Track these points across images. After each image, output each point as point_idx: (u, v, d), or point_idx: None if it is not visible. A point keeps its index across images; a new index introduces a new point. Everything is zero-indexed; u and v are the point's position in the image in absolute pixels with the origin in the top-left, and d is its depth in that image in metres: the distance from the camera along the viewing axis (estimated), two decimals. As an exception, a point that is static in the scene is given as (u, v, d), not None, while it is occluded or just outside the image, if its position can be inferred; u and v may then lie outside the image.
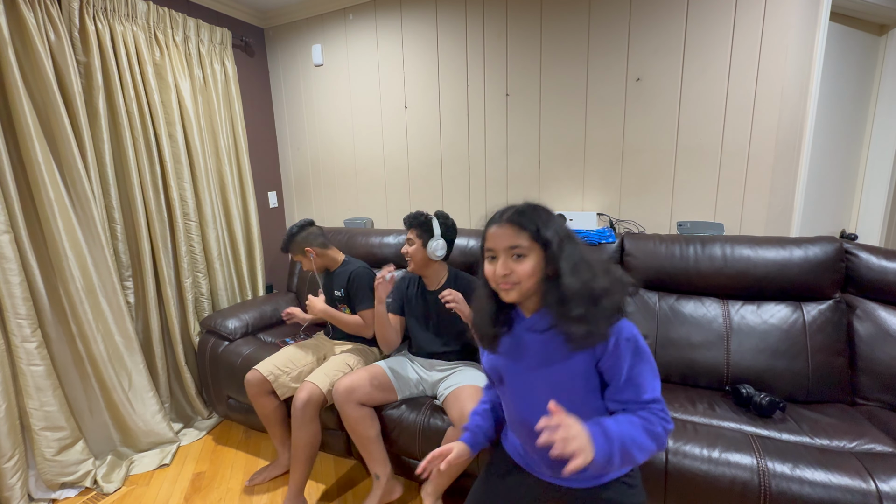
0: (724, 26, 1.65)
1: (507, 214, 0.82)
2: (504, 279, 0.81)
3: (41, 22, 1.58)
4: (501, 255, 0.81)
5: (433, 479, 1.43)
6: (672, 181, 1.85)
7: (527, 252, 0.79)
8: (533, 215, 0.81)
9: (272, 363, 1.69)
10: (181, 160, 2.06)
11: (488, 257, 0.84)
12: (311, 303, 1.73)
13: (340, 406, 1.46)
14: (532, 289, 0.81)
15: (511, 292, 0.81)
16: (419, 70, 2.26)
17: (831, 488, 1.02)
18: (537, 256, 0.80)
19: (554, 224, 0.82)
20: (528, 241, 0.79)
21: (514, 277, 0.80)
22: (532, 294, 0.83)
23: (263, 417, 1.69)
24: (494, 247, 0.82)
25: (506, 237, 0.80)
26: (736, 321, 1.54)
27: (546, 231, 0.79)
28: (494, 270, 0.82)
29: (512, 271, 0.80)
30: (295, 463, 1.51)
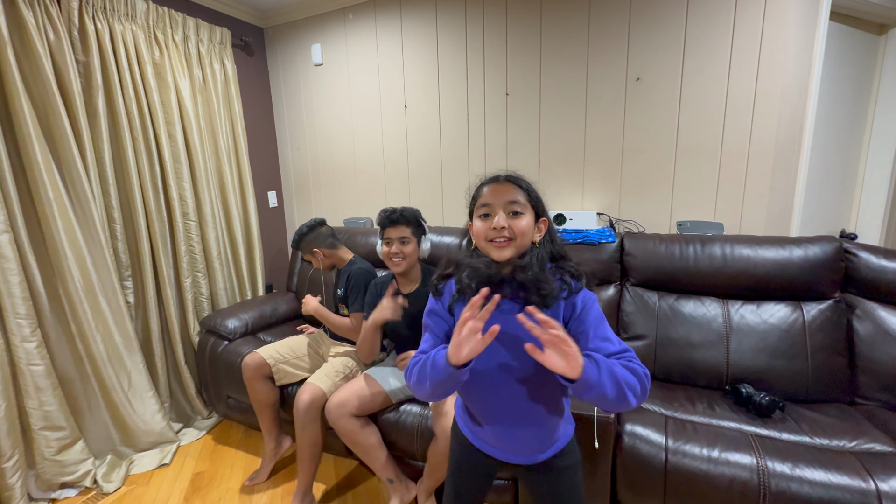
0: (724, 26, 1.65)
1: (505, 175, 0.86)
2: (500, 233, 0.81)
3: (40, 21, 1.58)
4: (500, 210, 0.82)
5: (425, 477, 1.43)
6: (672, 181, 1.85)
7: (524, 210, 0.82)
8: (527, 182, 0.87)
9: (273, 348, 1.74)
10: (181, 160, 2.06)
11: (480, 215, 0.84)
12: (306, 301, 1.75)
13: (334, 422, 1.43)
14: (521, 250, 0.83)
15: (505, 249, 0.81)
16: (419, 70, 2.26)
17: (831, 488, 1.02)
18: (531, 217, 0.83)
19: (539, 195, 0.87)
20: (525, 200, 0.83)
21: (511, 232, 0.81)
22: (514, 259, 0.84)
23: (255, 402, 1.70)
24: (492, 202, 0.83)
25: (505, 193, 0.83)
26: (736, 321, 1.54)
27: (537, 197, 0.86)
28: (489, 226, 0.82)
29: (509, 226, 0.81)
30: (301, 463, 1.52)
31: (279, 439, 1.76)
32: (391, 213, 1.48)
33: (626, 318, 1.69)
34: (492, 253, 0.83)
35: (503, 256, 0.82)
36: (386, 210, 1.50)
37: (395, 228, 1.47)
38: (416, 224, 1.50)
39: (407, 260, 1.47)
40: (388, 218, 1.48)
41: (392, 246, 1.46)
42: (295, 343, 1.80)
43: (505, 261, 0.83)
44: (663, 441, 1.20)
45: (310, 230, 1.82)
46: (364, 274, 1.73)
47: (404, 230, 1.47)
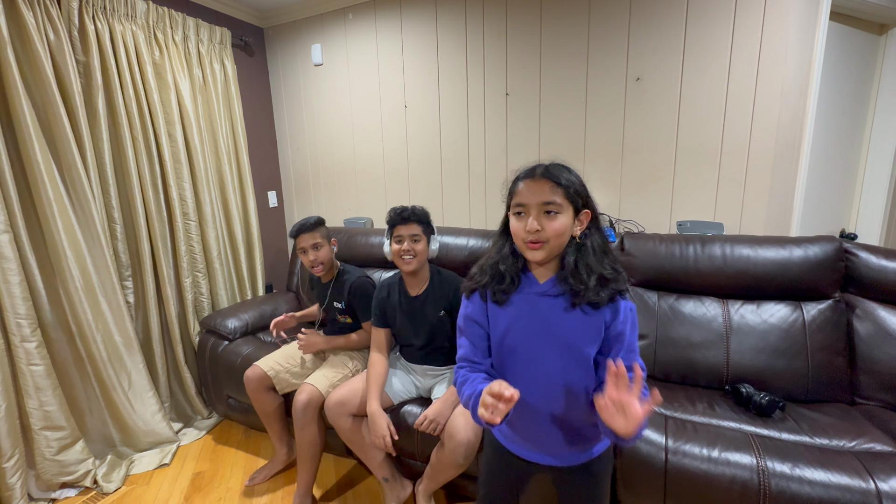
0: (724, 25, 1.65)
1: (542, 169, 0.80)
2: (535, 236, 0.78)
3: (40, 21, 1.58)
4: (533, 211, 0.78)
5: (426, 479, 1.43)
6: (672, 181, 1.85)
7: (560, 210, 0.77)
8: (568, 174, 0.80)
9: (272, 359, 1.71)
10: (181, 160, 2.06)
11: (516, 213, 0.81)
12: (310, 343, 1.69)
13: (333, 420, 1.43)
14: (557, 251, 0.80)
15: (538, 251, 0.79)
16: (419, 70, 2.26)
17: (831, 487, 1.02)
18: (569, 216, 0.78)
19: (582, 183, 0.81)
20: (562, 198, 0.77)
21: (544, 235, 0.78)
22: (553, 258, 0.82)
23: (262, 413, 1.70)
24: (527, 202, 0.79)
25: (540, 192, 0.78)
26: (736, 321, 1.54)
27: (579, 189, 0.80)
28: (524, 227, 0.79)
29: (543, 228, 0.77)
30: (301, 463, 1.52)
31: (290, 444, 1.75)
32: (402, 210, 1.45)
33: (626, 318, 1.69)
34: (526, 253, 0.82)
35: (535, 258, 0.80)
36: (396, 208, 1.46)
37: (407, 226, 1.43)
38: (427, 223, 1.48)
39: (418, 258, 1.44)
40: (400, 215, 1.44)
41: (404, 244, 1.42)
42: (293, 350, 1.77)
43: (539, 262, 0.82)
44: (663, 441, 1.20)
45: (323, 223, 1.78)
46: (365, 283, 1.72)
47: (416, 228, 1.44)
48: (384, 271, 2.22)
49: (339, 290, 1.75)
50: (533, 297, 0.84)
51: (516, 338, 0.86)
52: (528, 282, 0.86)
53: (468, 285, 0.91)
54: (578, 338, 0.81)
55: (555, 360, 0.83)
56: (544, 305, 0.83)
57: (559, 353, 0.82)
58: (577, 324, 0.81)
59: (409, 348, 1.60)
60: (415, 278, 1.50)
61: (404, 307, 1.52)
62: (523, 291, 0.86)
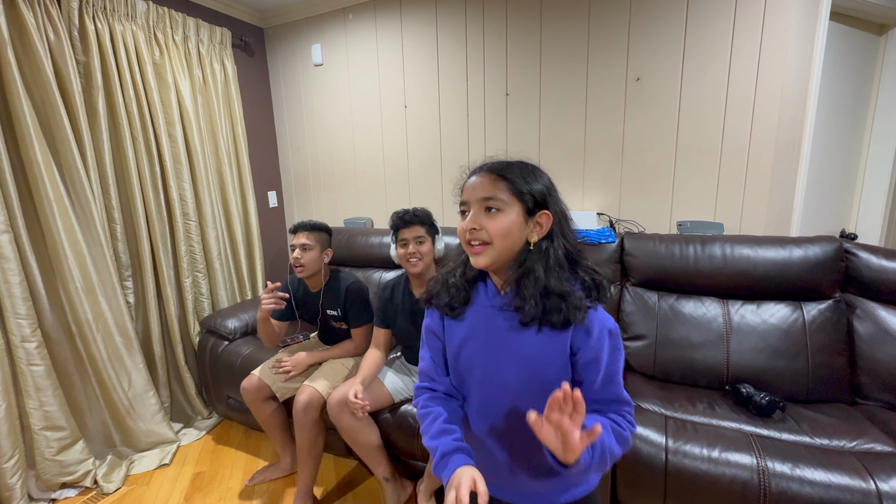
0: (724, 26, 1.65)
1: (490, 165, 0.72)
2: (473, 235, 0.70)
3: (40, 22, 1.58)
4: (473, 208, 0.70)
5: (426, 478, 1.43)
6: (672, 181, 1.85)
7: (503, 207, 0.68)
8: (519, 169, 0.70)
9: (268, 367, 1.69)
10: (181, 160, 2.06)
11: (460, 212, 0.74)
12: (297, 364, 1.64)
13: (335, 419, 1.43)
14: (506, 255, 0.70)
15: (481, 256, 0.70)
16: (419, 70, 2.26)
17: (831, 488, 1.02)
18: (516, 214, 0.69)
19: (543, 181, 0.71)
20: (506, 193, 0.68)
21: (485, 235, 0.69)
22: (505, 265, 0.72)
23: (263, 423, 1.68)
24: (468, 198, 0.71)
25: (481, 187, 0.70)
26: (736, 321, 1.54)
27: (532, 185, 0.69)
28: (464, 226, 0.71)
29: (482, 227, 0.69)
30: (301, 465, 1.52)
31: (293, 453, 1.72)
32: (403, 214, 1.45)
33: (626, 318, 1.69)
34: (471, 258, 0.73)
35: (478, 263, 0.71)
36: (398, 212, 1.47)
37: (410, 229, 1.43)
38: (430, 223, 1.48)
39: (424, 260, 1.43)
40: (402, 219, 1.45)
41: (408, 247, 1.42)
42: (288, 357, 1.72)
43: (484, 269, 0.72)
44: (663, 441, 1.20)
45: (328, 230, 1.75)
46: (360, 288, 1.71)
47: (419, 230, 1.44)
48: (384, 271, 2.22)
49: (332, 297, 1.71)
50: (489, 310, 0.75)
51: (472, 354, 0.77)
52: (486, 292, 0.77)
53: (423, 296, 0.84)
54: (539, 360, 0.71)
55: (513, 382, 0.73)
56: (502, 319, 0.73)
57: (519, 375, 0.72)
58: (539, 344, 0.70)
59: (410, 349, 1.60)
60: (421, 279, 1.50)
61: (408, 308, 1.52)
62: (479, 303, 0.77)
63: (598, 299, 0.69)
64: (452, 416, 0.78)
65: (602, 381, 0.69)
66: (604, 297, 0.70)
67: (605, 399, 0.71)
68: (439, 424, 0.76)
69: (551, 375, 0.70)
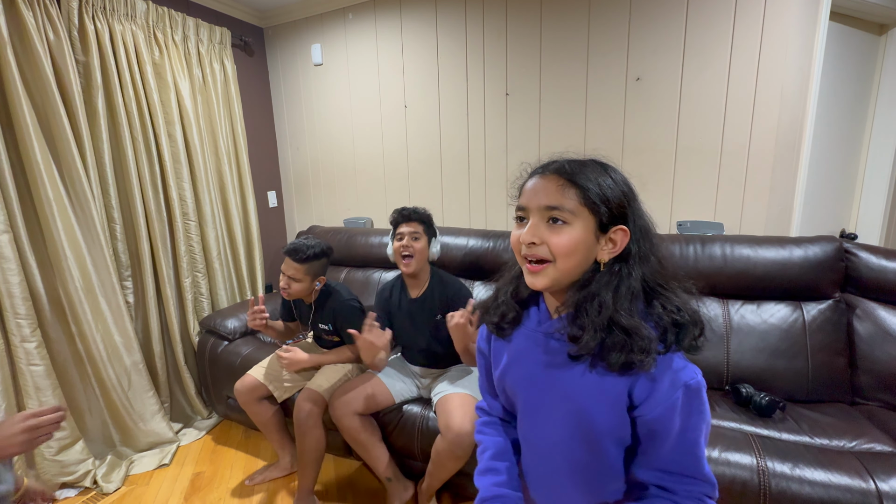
0: (724, 26, 1.65)
1: (558, 164, 0.59)
2: (531, 250, 0.58)
3: (40, 22, 1.57)
4: (533, 217, 0.58)
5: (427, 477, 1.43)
6: (672, 181, 1.85)
7: (570, 219, 0.56)
8: (595, 171, 0.58)
9: (263, 367, 1.68)
10: (180, 160, 2.06)
11: (517, 217, 0.62)
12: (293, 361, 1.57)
13: (338, 420, 1.43)
14: (568, 277, 0.58)
15: (539, 276, 0.58)
16: (419, 70, 2.26)
17: (831, 488, 1.02)
18: (586, 229, 0.56)
19: (622, 187, 0.58)
20: (576, 202, 0.56)
21: (545, 251, 0.57)
22: (566, 286, 0.60)
23: (260, 424, 1.68)
24: (527, 204, 0.59)
25: (545, 192, 0.57)
26: (736, 321, 1.54)
27: (609, 192, 0.56)
28: (520, 236, 0.60)
29: (543, 241, 0.57)
30: (302, 468, 1.51)
31: (293, 452, 1.72)
32: (404, 210, 1.49)
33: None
34: (525, 276, 0.61)
35: (534, 284, 0.59)
36: (399, 208, 1.51)
37: (408, 224, 1.46)
38: (428, 224, 1.50)
39: (416, 259, 1.45)
40: (402, 214, 1.48)
41: (403, 240, 1.44)
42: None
43: (541, 290, 0.61)
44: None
45: (325, 254, 1.63)
46: (350, 310, 1.64)
47: (416, 226, 1.46)
48: (384, 272, 2.22)
49: (323, 313, 1.68)
50: (537, 336, 0.65)
51: (514, 382, 0.68)
52: (536, 314, 0.66)
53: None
54: (587, 404, 0.58)
55: (559, 424, 0.62)
56: (549, 348, 0.62)
57: (566, 417, 0.61)
58: (587, 385, 0.58)
59: (409, 350, 1.61)
60: (415, 280, 1.51)
61: (405, 308, 1.53)
62: (527, 325, 0.67)
63: (676, 344, 0.56)
64: (501, 448, 0.73)
65: (672, 451, 0.56)
66: (686, 343, 0.56)
67: (676, 473, 0.57)
68: (486, 461, 0.72)
69: (602, 426, 0.58)
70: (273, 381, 1.64)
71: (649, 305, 0.58)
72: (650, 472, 0.59)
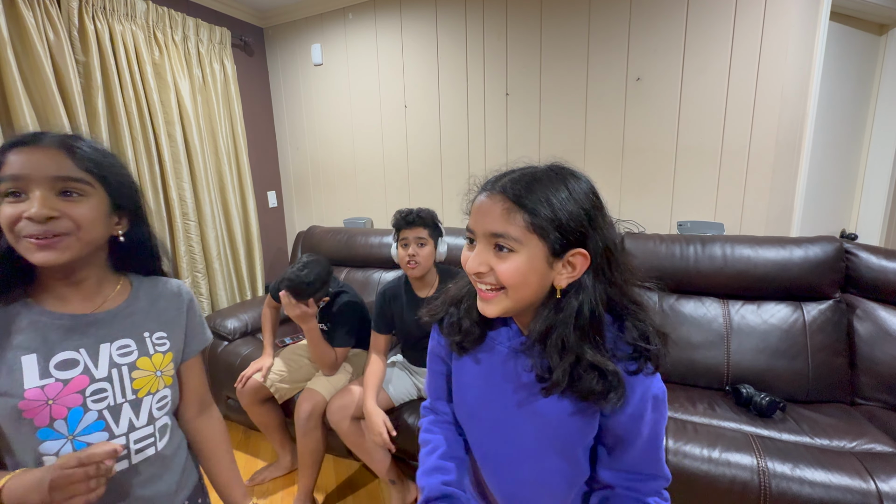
0: (724, 26, 1.65)
1: (505, 180, 0.54)
2: (479, 278, 0.55)
3: (40, 22, 1.58)
4: (480, 242, 0.55)
5: None
6: (672, 181, 1.85)
7: (515, 246, 0.51)
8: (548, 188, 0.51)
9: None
10: (180, 160, 2.06)
11: (468, 239, 0.58)
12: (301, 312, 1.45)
13: (336, 424, 1.42)
14: (524, 304, 0.55)
15: (490, 304, 0.55)
16: (419, 70, 2.26)
17: (831, 488, 1.02)
18: (535, 256, 0.51)
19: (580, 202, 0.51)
20: (522, 229, 0.50)
21: (493, 279, 0.53)
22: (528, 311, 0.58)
23: (261, 425, 1.68)
24: (473, 227, 0.56)
25: (489, 216, 0.53)
26: (736, 321, 1.54)
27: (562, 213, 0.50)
28: (468, 260, 0.56)
29: (490, 269, 0.53)
30: (302, 469, 1.51)
31: (293, 451, 1.71)
32: (407, 213, 1.40)
33: (627, 319, 1.69)
34: (478, 301, 0.57)
35: (487, 312, 0.56)
36: (402, 211, 1.43)
37: (412, 230, 1.38)
38: (433, 225, 1.42)
39: (422, 264, 1.39)
40: (405, 219, 1.40)
41: (409, 248, 1.38)
42: (287, 357, 1.72)
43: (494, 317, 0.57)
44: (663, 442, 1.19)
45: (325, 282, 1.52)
46: (353, 309, 1.61)
47: (421, 231, 1.39)
48: (384, 271, 2.22)
49: (326, 314, 1.65)
50: (507, 352, 0.62)
51: (481, 400, 0.64)
52: (506, 329, 0.63)
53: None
54: (563, 417, 0.57)
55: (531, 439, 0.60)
56: (521, 366, 0.59)
57: (538, 432, 0.59)
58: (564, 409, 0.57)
59: (413, 350, 1.59)
60: (422, 282, 1.47)
61: (413, 308, 1.47)
62: (498, 339, 0.63)
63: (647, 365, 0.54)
64: (452, 447, 0.70)
65: (639, 454, 0.58)
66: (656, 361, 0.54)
67: (641, 472, 0.59)
68: (434, 460, 0.68)
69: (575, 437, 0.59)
70: (274, 384, 1.64)
71: (619, 325, 0.55)
72: (616, 474, 0.60)
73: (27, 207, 0.55)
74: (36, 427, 0.58)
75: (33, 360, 0.58)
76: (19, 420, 0.57)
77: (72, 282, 0.63)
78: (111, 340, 0.65)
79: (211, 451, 0.81)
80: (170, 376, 0.71)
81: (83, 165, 0.59)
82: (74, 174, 0.58)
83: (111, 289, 0.69)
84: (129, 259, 0.72)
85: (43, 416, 0.58)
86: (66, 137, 0.60)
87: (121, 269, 0.72)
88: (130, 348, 0.66)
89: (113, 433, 0.63)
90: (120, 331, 0.66)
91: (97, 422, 0.61)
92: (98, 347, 0.63)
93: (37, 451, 0.58)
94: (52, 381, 0.59)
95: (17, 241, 0.56)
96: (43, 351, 0.59)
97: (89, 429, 0.61)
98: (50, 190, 0.56)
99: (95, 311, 0.65)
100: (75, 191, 0.58)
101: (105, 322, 0.65)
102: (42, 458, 0.58)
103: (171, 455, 0.71)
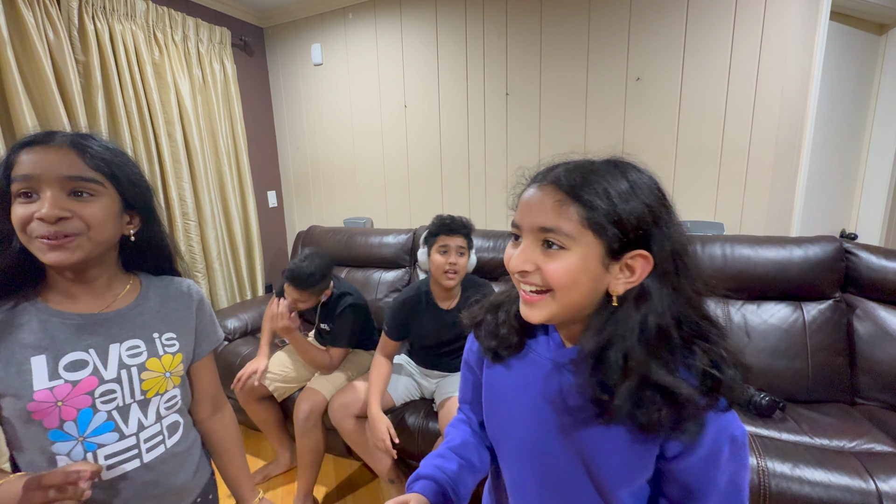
0: (724, 26, 1.65)
1: (558, 170, 0.47)
2: (523, 278, 0.48)
3: (40, 21, 1.58)
4: (526, 238, 0.48)
5: None
6: (672, 181, 1.85)
7: (567, 243, 0.44)
8: (606, 180, 0.44)
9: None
10: (180, 160, 2.06)
11: (512, 235, 0.51)
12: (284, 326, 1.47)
13: (337, 423, 1.42)
14: (573, 311, 0.48)
15: (535, 308, 0.48)
16: (419, 70, 2.26)
17: (831, 488, 1.02)
18: (586, 255, 0.44)
19: (643, 197, 0.45)
20: (575, 222, 0.44)
21: (539, 279, 0.46)
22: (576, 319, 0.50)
23: (259, 423, 1.68)
24: (520, 221, 0.49)
25: (539, 209, 0.46)
26: (736, 321, 1.53)
27: (622, 207, 0.43)
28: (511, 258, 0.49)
29: (536, 267, 0.46)
30: (302, 468, 1.51)
31: (292, 448, 1.72)
32: (449, 220, 1.32)
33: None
34: (521, 305, 0.50)
35: (529, 317, 0.49)
36: (443, 216, 1.35)
37: (453, 237, 1.30)
38: (470, 236, 1.36)
39: (459, 273, 1.32)
40: (448, 226, 1.31)
41: (450, 255, 1.29)
42: (285, 357, 1.71)
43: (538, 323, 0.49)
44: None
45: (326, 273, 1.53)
46: (356, 312, 1.60)
47: (462, 240, 1.31)
48: (384, 271, 2.22)
49: (328, 314, 1.65)
50: (548, 366, 0.53)
51: (512, 416, 0.56)
52: (546, 340, 0.55)
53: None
54: (606, 451, 0.48)
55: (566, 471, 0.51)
56: (563, 382, 0.51)
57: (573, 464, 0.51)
58: (611, 439, 0.48)
59: (422, 353, 1.57)
60: (448, 292, 1.41)
61: (431, 317, 1.44)
62: (537, 351, 0.55)
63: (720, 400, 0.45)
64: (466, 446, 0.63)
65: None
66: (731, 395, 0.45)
67: None
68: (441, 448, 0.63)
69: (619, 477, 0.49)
70: (272, 382, 1.64)
71: (685, 347, 0.46)
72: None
73: (38, 208, 0.55)
74: (46, 428, 0.58)
75: (42, 360, 0.58)
76: (29, 421, 0.57)
77: (82, 281, 0.63)
78: (121, 341, 0.64)
79: (225, 450, 0.81)
80: (179, 377, 0.71)
81: (94, 165, 0.59)
82: (85, 174, 0.58)
83: (121, 288, 0.68)
84: (140, 258, 0.72)
85: (52, 418, 0.58)
86: (78, 136, 0.60)
87: (131, 268, 0.72)
88: (140, 349, 0.66)
89: (123, 434, 0.63)
90: (129, 331, 0.66)
91: (107, 423, 0.61)
92: (108, 347, 0.63)
93: (49, 452, 0.58)
94: (62, 383, 0.58)
95: (30, 242, 0.56)
96: (52, 351, 0.59)
97: (99, 430, 0.61)
98: (61, 190, 0.56)
99: (105, 311, 0.65)
100: (86, 191, 0.58)
101: (114, 321, 0.65)
102: (56, 457, 0.58)
103: (184, 452, 0.71)
